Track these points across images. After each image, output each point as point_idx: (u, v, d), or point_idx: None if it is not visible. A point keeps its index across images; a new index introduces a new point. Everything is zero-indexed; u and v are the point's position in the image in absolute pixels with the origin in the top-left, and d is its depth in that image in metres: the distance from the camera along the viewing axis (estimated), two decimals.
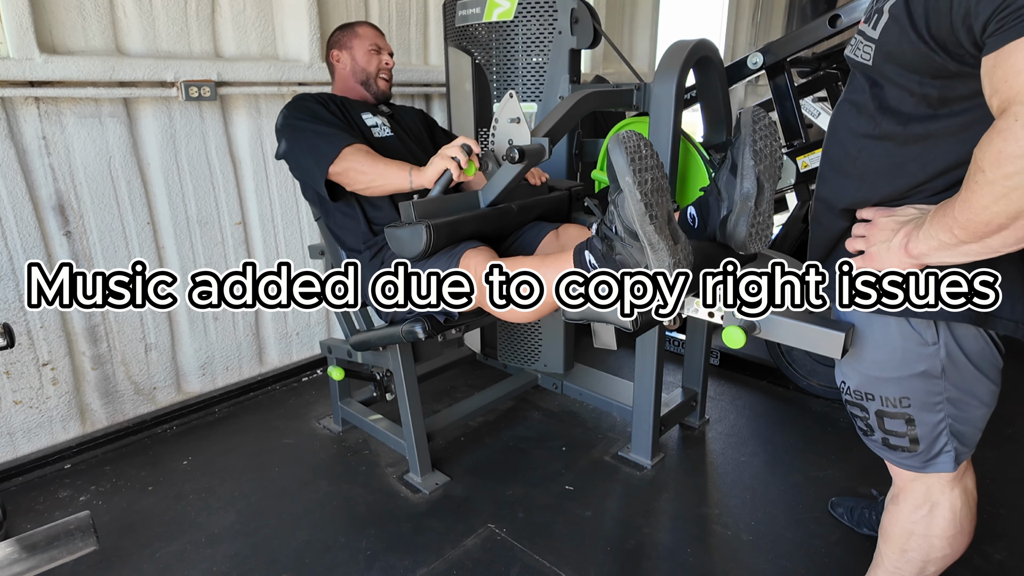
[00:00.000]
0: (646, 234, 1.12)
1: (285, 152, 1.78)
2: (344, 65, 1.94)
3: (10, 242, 1.87)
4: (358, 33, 1.94)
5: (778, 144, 1.31)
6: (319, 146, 1.69)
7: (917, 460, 1.10)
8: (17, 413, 1.99)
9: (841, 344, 1.08)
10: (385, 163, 1.63)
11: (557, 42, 2.02)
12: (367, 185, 1.65)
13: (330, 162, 1.66)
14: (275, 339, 2.58)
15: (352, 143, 1.68)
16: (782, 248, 2.48)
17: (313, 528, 1.76)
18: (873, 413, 1.10)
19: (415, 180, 1.56)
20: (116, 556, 1.65)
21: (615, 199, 1.15)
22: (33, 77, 1.79)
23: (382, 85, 1.95)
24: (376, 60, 1.93)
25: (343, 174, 1.67)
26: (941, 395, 1.03)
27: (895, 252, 0.95)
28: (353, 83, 1.94)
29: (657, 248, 1.12)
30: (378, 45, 1.94)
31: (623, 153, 1.10)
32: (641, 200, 1.10)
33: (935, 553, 1.15)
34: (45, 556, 0.86)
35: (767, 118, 1.30)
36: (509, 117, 1.49)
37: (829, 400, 2.37)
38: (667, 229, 1.14)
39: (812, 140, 2.37)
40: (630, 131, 1.13)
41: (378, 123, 1.91)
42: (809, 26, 2.20)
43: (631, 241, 1.14)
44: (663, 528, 1.76)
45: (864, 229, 1.01)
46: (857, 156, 1.02)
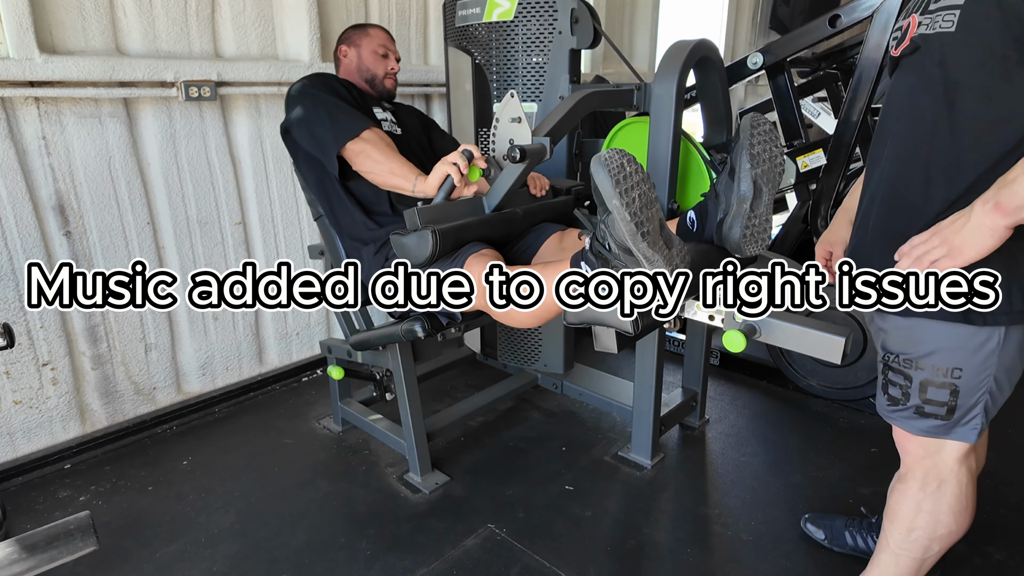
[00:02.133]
0: (640, 250, 1.12)
1: (298, 119, 1.74)
2: (351, 61, 1.96)
3: (10, 242, 1.87)
4: (369, 33, 1.96)
5: (779, 149, 1.31)
6: (341, 120, 1.69)
7: (942, 428, 1.13)
8: (17, 413, 1.99)
9: (841, 348, 1.08)
10: (399, 161, 1.63)
11: (557, 42, 2.02)
12: (373, 171, 1.65)
13: (351, 137, 1.66)
14: (275, 339, 2.58)
15: (374, 127, 1.69)
16: (782, 248, 2.48)
17: (313, 528, 1.76)
18: (918, 382, 1.12)
19: (419, 187, 1.56)
20: (116, 556, 1.65)
21: (605, 220, 1.14)
22: (33, 77, 1.79)
23: (388, 84, 1.97)
24: (383, 64, 1.95)
25: (358, 153, 1.66)
26: (990, 371, 1.07)
27: (983, 218, 0.93)
28: (358, 78, 1.95)
29: (653, 261, 1.12)
30: (387, 48, 1.96)
31: (607, 175, 1.09)
32: (631, 220, 1.09)
33: (941, 530, 1.18)
34: (45, 556, 0.86)
35: (767, 124, 1.31)
36: (510, 117, 1.49)
37: (829, 400, 2.37)
38: (660, 240, 1.13)
39: (812, 140, 2.38)
40: (611, 150, 1.11)
41: (386, 118, 1.92)
42: (809, 26, 2.20)
43: (626, 257, 1.15)
44: (663, 528, 1.76)
45: (918, 244, 1.01)
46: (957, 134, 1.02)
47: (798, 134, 2.39)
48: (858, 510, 1.78)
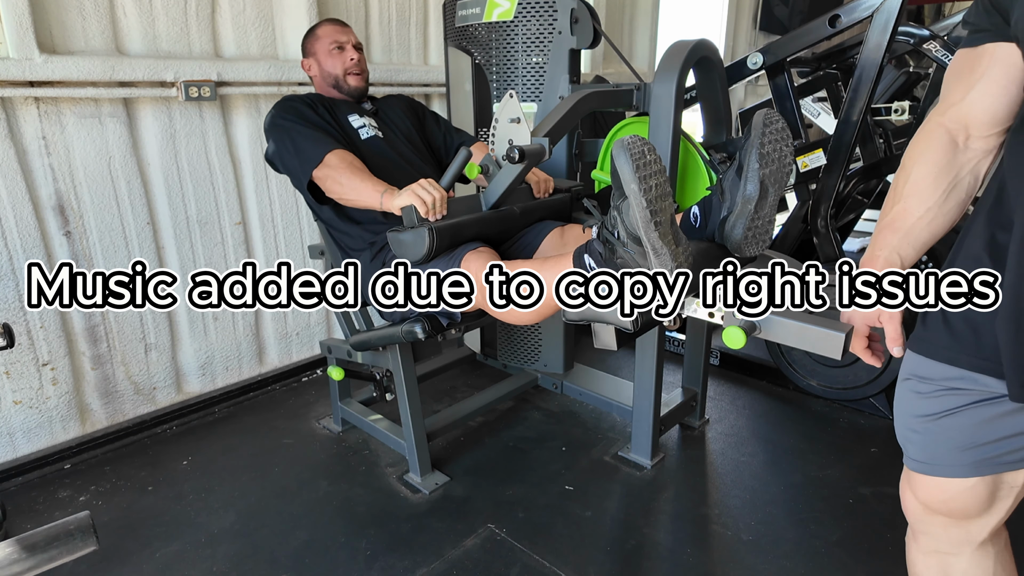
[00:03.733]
0: (650, 240, 1.12)
1: (272, 153, 1.79)
2: (315, 73, 1.93)
3: (10, 242, 1.87)
4: (317, 35, 1.91)
5: (789, 149, 1.29)
6: (304, 149, 1.70)
7: None
8: (17, 413, 1.99)
9: (841, 344, 1.07)
10: (361, 179, 1.61)
11: (557, 42, 2.02)
12: (340, 196, 1.66)
13: (314, 166, 1.67)
14: (275, 339, 2.58)
15: (336, 149, 1.68)
16: (782, 248, 2.48)
17: (313, 528, 1.76)
18: None
19: (385, 203, 1.55)
20: (116, 556, 1.65)
21: (619, 205, 1.14)
22: (33, 77, 1.79)
23: (353, 82, 1.91)
24: (340, 59, 1.89)
25: (324, 180, 1.67)
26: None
27: None
28: (327, 88, 1.93)
29: (660, 253, 1.12)
30: (338, 42, 1.89)
31: (629, 160, 1.09)
32: (647, 207, 1.10)
33: None
34: (45, 556, 0.86)
35: (780, 122, 1.28)
36: (509, 117, 1.49)
37: (829, 400, 2.37)
38: (670, 233, 1.14)
39: (812, 140, 2.38)
40: (634, 136, 1.12)
41: (364, 123, 1.89)
42: (809, 26, 2.20)
43: (634, 246, 1.14)
44: (663, 528, 1.76)
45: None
46: None
47: (798, 134, 2.38)
48: (859, 510, 1.78)
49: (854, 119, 2.11)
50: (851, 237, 4.22)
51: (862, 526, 1.74)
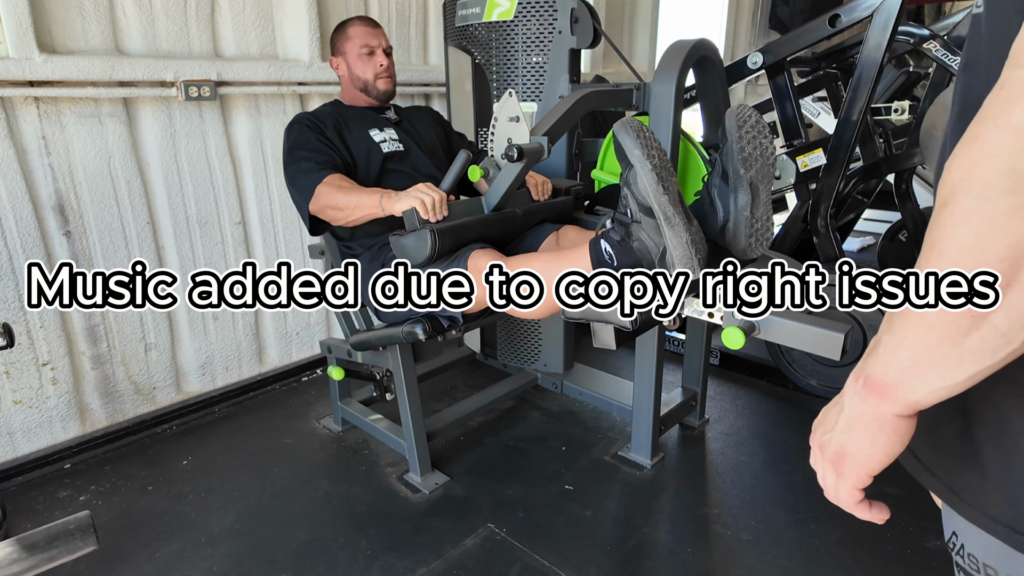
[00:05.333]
0: (660, 206, 1.14)
1: (286, 180, 1.79)
2: (344, 73, 1.93)
3: (10, 242, 1.87)
4: (348, 35, 1.90)
5: (768, 140, 1.27)
6: (299, 182, 1.71)
7: None
8: (17, 413, 1.99)
9: (840, 344, 1.08)
10: (356, 193, 1.61)
11: (557, 42, 2.02)
12: (346, 220, 1.65)
13: (309, 198, 1.67)
14: (275, 339, 2.58)
15: (325, 179, 1.66)
16: (782, 248, 2.48)
17: (313, 528, 1.76)
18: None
19: (385, 206, 1.55)
20: (116, 556, 1.65)
21: (627, 177, 1.18)
22: (33, 77, 1.79)
23: (382, 86, 1.92)
24: (370, 65, 1.89)
25: (321, 213, 1.68)
26: None
27: (857, 404, 0.58)
28: (355, 91, 1.93)
29: (673, 222, 1.14)
30: (370, 46, 1.89)
31: (629, 132, 1.15)
32: (652, 170, 1.13)
33: None
34: (45, 556, 0.86)
35: (752, 115, 1.26)
36: (508, 116, 1.49)
37: (829, 400, 2.37)
38: (680, 205, 1.16)
39: (812, 140, 2.38)
40: (632, 117, 1.16)
41: (385, 137, 1.88)
42: (809, 26, 2.20)
43: (647, 219, 1.16)
44: (663, 528, 1.76)
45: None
46: None
47: (798, 134, 2.38)
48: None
49: (854, 119, 2.11)
50: (851, 237, 4.22)
51: (862, 526, 1.74)
